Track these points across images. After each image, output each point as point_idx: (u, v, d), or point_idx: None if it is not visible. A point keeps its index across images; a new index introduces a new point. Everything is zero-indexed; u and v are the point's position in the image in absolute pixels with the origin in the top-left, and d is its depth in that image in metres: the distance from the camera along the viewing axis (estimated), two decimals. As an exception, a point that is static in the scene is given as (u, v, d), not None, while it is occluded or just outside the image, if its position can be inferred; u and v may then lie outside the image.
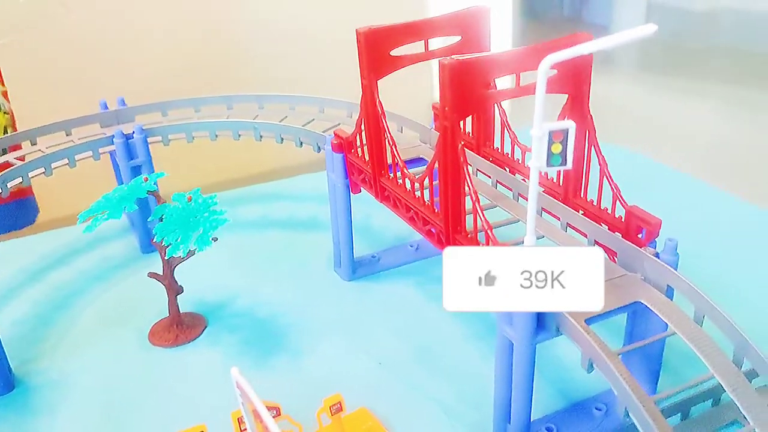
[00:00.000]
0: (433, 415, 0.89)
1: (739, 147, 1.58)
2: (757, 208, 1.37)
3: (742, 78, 2.24)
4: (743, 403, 0.67)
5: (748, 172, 1.60)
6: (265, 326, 1.08)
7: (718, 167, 1.56)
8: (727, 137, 1.58)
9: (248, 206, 1.47)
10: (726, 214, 1.36)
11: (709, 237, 1.26)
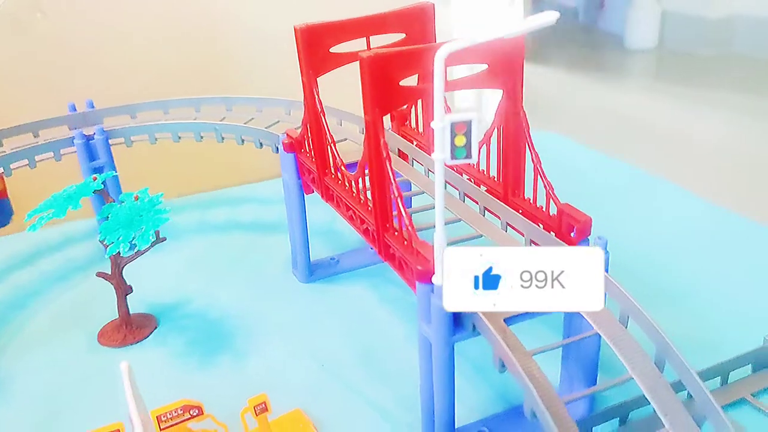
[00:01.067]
0: (367, 417, 0.88)
1: (754, 159, 1.52)
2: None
3: (758, 87, 2.18)
4: (659, 405, 0.65)
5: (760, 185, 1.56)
6: (215, 328, 1.07)
7: (730, 183, 1.50)
8: (739, 149, 1.52)
9: (216, 209, 1.47)
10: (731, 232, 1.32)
11: (712, 253, 1.23)
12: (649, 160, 1.60)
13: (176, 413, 0.77)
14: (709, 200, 1.40)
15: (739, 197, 1.43)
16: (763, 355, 0.89)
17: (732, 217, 1.34)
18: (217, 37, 1.69)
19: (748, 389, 0.87)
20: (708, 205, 1.39)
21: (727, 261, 1.18)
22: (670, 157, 1.69)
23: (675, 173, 1.52)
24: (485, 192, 0.92)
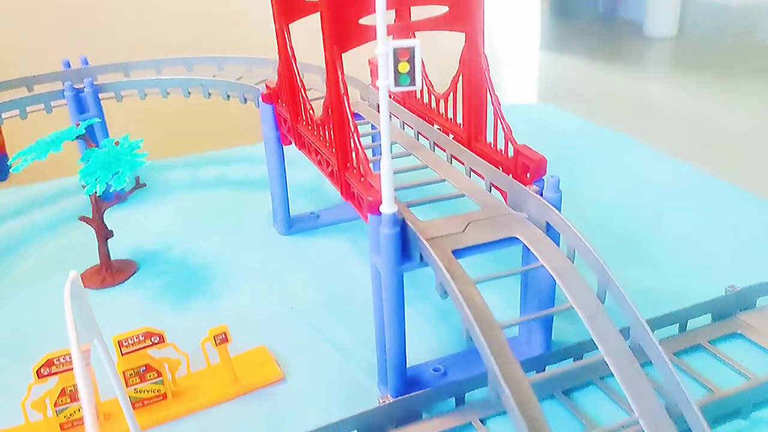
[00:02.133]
0: (329, 355, 0.90)
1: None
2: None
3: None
4: (596, 332, 0.66)
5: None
6: (192, 273, 1.10)
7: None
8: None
9: (207, 168, 1.50)
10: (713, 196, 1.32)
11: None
12: (652, 135, 1.60)
13: (137, 339, 0.80)
14: (698, 167, 1.40)
15: (724, 165, 1.43)
16: (723, 305, 0.90)
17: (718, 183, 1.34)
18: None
19: (705, 336, 0.87)
20: (699, 173, 1.39)
21: (700, 220, 1.20)
22: (670, 132, 1.68)
23: (672, 146, 1.52)
24: (452, 139, 0.93)
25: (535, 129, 1.65)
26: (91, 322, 0.62)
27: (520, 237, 0.75)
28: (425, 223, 0.77)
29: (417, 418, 0.76)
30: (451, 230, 0.76)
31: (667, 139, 1.57)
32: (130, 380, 0.80)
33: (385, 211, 0.70)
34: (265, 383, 0.85)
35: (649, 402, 0.63)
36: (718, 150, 1.53)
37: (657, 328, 0.87)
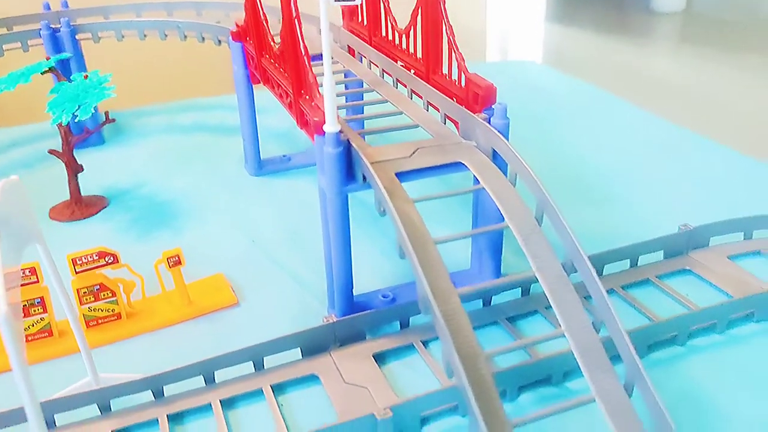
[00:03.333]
0: (283, 283, 0.91)
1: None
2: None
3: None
4: (531, 252, 0.67)
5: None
6: (161, 209, 1.11)
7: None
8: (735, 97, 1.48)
9: (186, 114, 1.51)
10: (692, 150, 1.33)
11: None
12: (647, 100, 1.58)
13: (91, 258, 0.81)
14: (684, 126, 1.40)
15: (710, 125, 1.42)
16: (675, 242, 0.91)
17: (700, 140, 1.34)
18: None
19: (654, 272, 0.88)
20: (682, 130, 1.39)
21: (670, 168, 1.21)
22: (665, 98, 1.67)
23: (665, 110, 1.50)
24: (413, 74, 0.94)
25: (528, 87, 1.66)
26: (33, 225, 0.63)
27: (465, 162, 0.76)
28: (374, 149, 0.78)
29: (361, 339, 0.78)
30: (399, 155, 0.77)
31: (662, 104, 1.56)
32: (84, 298, 0.82)
33: (328, 129, 0.71)
34: (219, 307, 0.87)
35: (577, 317, 0.64)
36: (709, 114, 1.52)
37: (609, 263, 0.89)
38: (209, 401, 0.71)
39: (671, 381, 0.72)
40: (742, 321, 0.80)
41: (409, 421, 0.66)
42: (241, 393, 0.72)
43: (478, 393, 0.58)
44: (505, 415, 0.58)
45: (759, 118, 1.52)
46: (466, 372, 0.58)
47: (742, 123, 1.49)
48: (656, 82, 1.79)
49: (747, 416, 0.67)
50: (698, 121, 1.47)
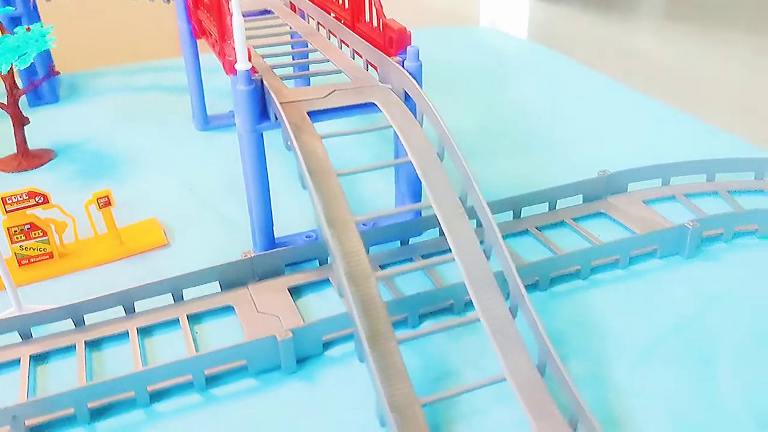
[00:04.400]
0: (216, 228, 0.94)
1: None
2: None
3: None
4: (428, 182, 0.70)
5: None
6: (106, 160, 1.14)
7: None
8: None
9: (140, 75, 1.53)
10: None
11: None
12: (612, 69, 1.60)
13: (21, 198, 0.84)
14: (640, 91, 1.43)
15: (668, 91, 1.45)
16: (593, 187, 0.94)
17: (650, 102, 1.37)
18: None
19: (571, 214, 0.92)
20: (633, 93, 1.42)
21: (606, 124, 1.24)
22: (633, 68, 1.69)
23: (628, 78, 1.52)
24: (342, 24, 0.96)
25: (485, 49, 1.69)
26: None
27: (376, 102, 0.78)
28: (291, 90, 0.80)
29: (279, 274, 0.81)
30: (314, 96, 0.79)
31: (626, 72, 1.59)
32: (15, 237, 0.85)
33: (239, 68, 0.74)
34: (149, 248, 0.90)
35: (468, 243, 0.67)
36: (672, 83, 1.54)
37: (529, 205, 0.92)
38: (127, 329, 0.74)
39: (569, 310, 0.75)
40: (645, 257, 0.83)
41: (311, 343, 0.70)
42: (158, 322, 0.75)
43: (363, 311, 0.61)
44: (392, 331, 0.61)
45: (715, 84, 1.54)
46: (353, 291, 0.62)
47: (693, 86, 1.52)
48: (624, 51, 1.81)
49: (635, 340, 0.71)
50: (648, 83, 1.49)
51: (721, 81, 1.53)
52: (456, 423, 0.62)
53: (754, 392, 0.64)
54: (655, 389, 0.64)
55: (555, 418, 0.58)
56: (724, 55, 1.70)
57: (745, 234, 0.87)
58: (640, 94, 1.37)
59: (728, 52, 1.73)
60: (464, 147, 0.71)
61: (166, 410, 0.65)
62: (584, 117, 1.27)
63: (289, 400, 0.65)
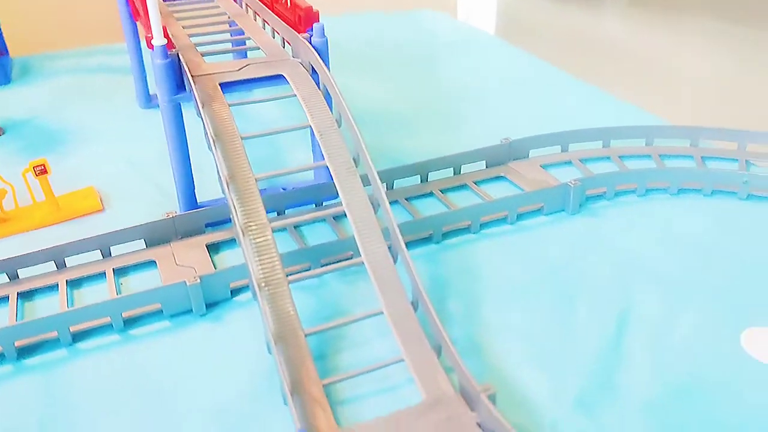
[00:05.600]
0: (151, 196, 1.01)
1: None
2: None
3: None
4: (324, 144, 0.78)
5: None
6: (51, 136, 1.21)
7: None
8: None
9: (91, 58, 1.59)
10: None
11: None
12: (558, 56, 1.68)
13: (-38, 166, 0.91)
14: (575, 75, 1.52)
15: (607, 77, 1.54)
16: (496, 153, 1.03)
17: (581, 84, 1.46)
18: None
19: (473, 178, 1.00)
20: (562, 73, 1.51)
21: (519, 96, 1.33)
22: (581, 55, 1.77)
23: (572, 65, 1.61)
24: (264, 5, 1.03)
25: (426, 32, 1.77)
26: None
27: (285, 74, 0.86)
28: (207, 64, 0.88)
29: (199, 233, 0.89)
30: (228, 69, 0.87)
31: (558, 53, 1.67)
32: (-43, 203, 0.92)
33: (155, 43, 0.81)
34: (84, 213, 0.97)
35: (357, 196, 0.75)
36: (595, 61, 1.62)
37: (435, 170, 1.00)
38: (57, 281, 0.82)
39: (457, 259, 0.84)
40: (533, 214, 0.92)
41: (220, 289, 0.78)
42: (87, 275, 0.83)
43: (258, 257, 0.69)
44: (284, 276, 0.70)
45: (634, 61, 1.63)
46: (248, 241, 0.70)
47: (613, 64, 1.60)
48: (584, 41, 1.88)
49: (509, 284, 0.79)
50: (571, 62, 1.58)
51: (641, 59, 1.61)
52: (341, 353, 0.70)
53: (604, 325, 0.72)
54: (518, 324, 0.73)
55: (422, 345, 0.67)
56: (658, 37, 1.79)
57: (627, 192, 0.96)
58: (559, 71, 1.46)
59: (664, 34, 1.81)
60: (388, 120, 0.81)
61: (88, 348, 0.73)
62: (502, 93, 1.36)
63: (199, 338, 0.74)
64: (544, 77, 1.44)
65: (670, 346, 0.69)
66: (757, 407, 0.62)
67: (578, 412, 0.62)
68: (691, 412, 0.62)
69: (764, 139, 1.02)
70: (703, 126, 1.05)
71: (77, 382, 0.68)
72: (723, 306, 0.74)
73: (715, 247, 0.84)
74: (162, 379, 0.68)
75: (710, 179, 0.94)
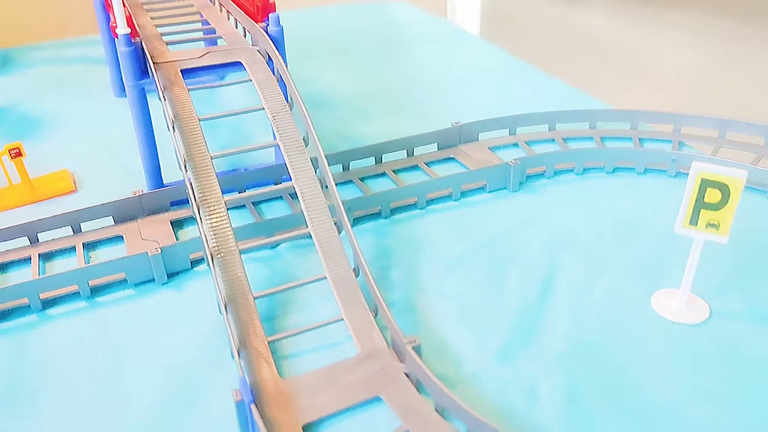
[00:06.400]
0: (122, 178, 1.07)
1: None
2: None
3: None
4: (276, 125, 0.84)
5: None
6: (29, 123, 1.27)
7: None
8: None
9: (74, 49, 1.65)
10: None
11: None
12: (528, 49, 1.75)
13: (-60, 149, 0.97)
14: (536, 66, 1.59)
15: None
16: (446, 136, 1.09)
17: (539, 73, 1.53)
18: None
19: (424, 159, 1.07)
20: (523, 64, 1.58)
21: (478, 85, 1.40)
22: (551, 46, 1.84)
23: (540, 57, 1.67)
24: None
25: (395, 24, 1.83)
26: None
27: (242, 61, 0.92)
28: (171, 52, 0.94)
29: (165, 210, 0.95)
30: (189, 56, 0.93)
31: (520, 45, 1.74)
32: (-63, 184, 0.98)
33: (119, 32, 0.87)
34: (58, 193, 1.03)
35: (303, 172, 0.81)
36: (552, 52, 1.70)
37: (389, 152, 1.06)
38: (30, 255, 0.88)
39: (403, 231, 0.90)
40: (477, 191, 0.99)
41: (180, 259, 0.84)
42: (58, 249, 0.89)
43: (212, 231, 0.76)
44: (236, 247, 0.76)
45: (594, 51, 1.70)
46: (203, 214, 0.76)
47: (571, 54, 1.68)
48: (552, 29, 1.96)
49: (449, 253, 0.86)
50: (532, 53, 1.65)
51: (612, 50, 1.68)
52: (288, 315, 0.77)
53: (530, 289, 0.79)
54: (452, 288, 0.80)
55: (361, 306, 0.74)
56: (634, 29, 1.85)
57: (566, 171, 1.02)
58: (516, 60, 1.53)
59: (643, 26, 1.87)
60: (349, 106, 0.87)
61: (57, 314, 0.79)
62: (460, 81, 1.42)
63: (160, 304, 0.80)
64: (504, 67, 1.51)
65: (588, 306, 0.76)
66: (659, 353, 0.69)
67: (498, 362, 0.69)
68: (600, 360, 0.69)
69: (697, 122, 1.09)
70: (642, 110, 1.12)
71: (47, 342, 0.74)
72: (639, 272, 0.81)
73: (638, 219, 0.91)
74: (125, 340, 0.75)
75: (642, 158, 1.01)
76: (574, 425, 0.62)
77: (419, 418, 0.62)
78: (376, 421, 0.62)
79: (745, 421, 0.62)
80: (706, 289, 0.77)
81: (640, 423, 0.62)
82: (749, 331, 0.72)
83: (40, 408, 0.66)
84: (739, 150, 1.04)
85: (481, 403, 0.64)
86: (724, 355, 0.69)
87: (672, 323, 0.73)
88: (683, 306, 0.74)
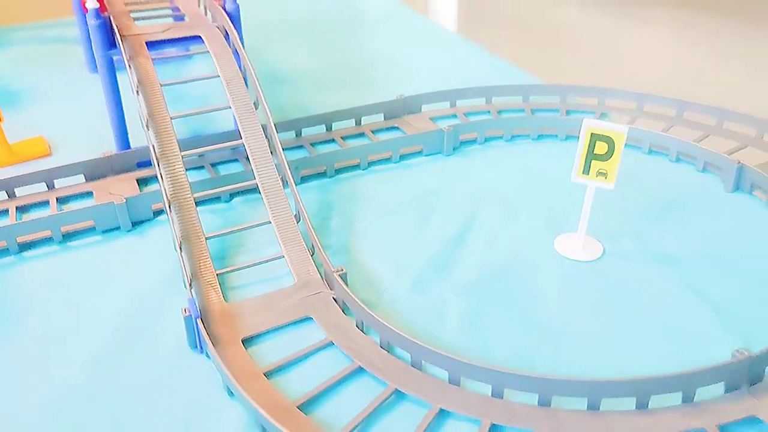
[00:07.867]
0: (95, 143, 1.16)
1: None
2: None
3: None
4: (230, 91, 0.94)
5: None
6: (9, 96, 1.36)
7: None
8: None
9: (53, 29, 1.74)
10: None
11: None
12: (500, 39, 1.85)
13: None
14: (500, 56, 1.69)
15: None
16: (392, 107, 1.20)
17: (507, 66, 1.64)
18: None
19: (370, 127, 1.17)
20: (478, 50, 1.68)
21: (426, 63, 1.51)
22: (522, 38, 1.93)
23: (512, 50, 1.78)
24: (189, -19, 1.19)
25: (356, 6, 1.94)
26: None
27: (201, 35, 1.03)
28: (137, 26, 1.04)
29: (132, 170, 1.05)
30: (154, 30, 1.03)
31: (472, 27, 1.85)
32: None
33: (89, 6, 0.97)
34: (34, 157, 1.13)
35: (253, 132, 0.92)
36: (502, 34, 1.80)
37: (339, 120, 1.17)
38: (7, 207, 0.97)
39: (345, 188, 1.01)
40: (415, 155, 1.10)
41: (143, 209, 0.94)
42: (33, 202, 0.98)
43: (171, 183, 0.86)
44: (192, 199, 0.86)
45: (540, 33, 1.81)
46: (163, 168, 0.86)
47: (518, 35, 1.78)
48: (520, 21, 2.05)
49: (384, 204, 0.97)
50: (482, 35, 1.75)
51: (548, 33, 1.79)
52: (237, 256, 0.87)
53: (450, 232, 0.90)
54: (382, 232, 0.91)
55: (299, 245, 0.84)
56: (605, 20, 1.94)
57: (496, 138, 1.14)
58: (465, 40, 1.64)
59: (616, 19, 1.95)
60: (306, 79, 0.98)
61: (33, 256, 0.89)
62: (412, 60, 1.53)
63: (125, 248, 0.90)
64: (455, 49, 1.62)
65: (498, 246, 0.87)
66: (553, 283, 0.81)
67: (413, 290, 0.80)
68: (502, 289, 0.80)
69: (619, 95, 1.20)
70: (570, 84, 1.23)
71: (24, 278, 0.84)
72: (547, 219, 0.93)
73: (553, 178, 1.02)
74: (94, 276, 0.85)
75: (564, 126, 1.13)
76: (473, 339, 0.73)
77: (342, 331, 0.73)
78: (305, 336, 0.73)
79: (615, 333, 0.73)
80: (602, 233, 0.89)
81: (529, 336, 0.73)
82: (633, 266, 0.84)
83: (24, 328, 0.76)
84: (653, 120, 1.16)
85: (396, 322, 0.75)
86: (607, 284, 0.81)
87: (569, 260, 0.85)
88: (579, 246, 0.86)
